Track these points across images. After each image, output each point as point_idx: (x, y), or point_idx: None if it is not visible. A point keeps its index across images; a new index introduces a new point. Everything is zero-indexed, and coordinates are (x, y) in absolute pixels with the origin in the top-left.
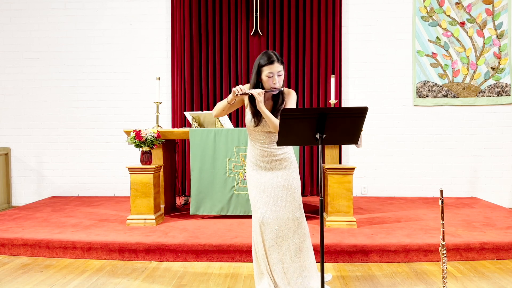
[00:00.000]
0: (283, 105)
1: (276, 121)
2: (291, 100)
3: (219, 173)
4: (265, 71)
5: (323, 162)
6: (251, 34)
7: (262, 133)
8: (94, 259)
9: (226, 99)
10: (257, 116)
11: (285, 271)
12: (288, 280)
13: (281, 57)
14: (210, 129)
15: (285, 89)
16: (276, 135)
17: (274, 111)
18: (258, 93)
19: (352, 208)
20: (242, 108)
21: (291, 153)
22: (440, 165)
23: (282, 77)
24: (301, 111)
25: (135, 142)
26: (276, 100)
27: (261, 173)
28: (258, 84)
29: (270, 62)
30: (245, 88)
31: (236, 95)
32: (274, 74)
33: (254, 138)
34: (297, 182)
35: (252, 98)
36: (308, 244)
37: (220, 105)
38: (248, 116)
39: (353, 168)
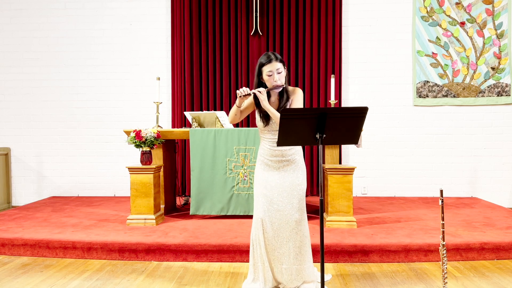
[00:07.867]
0: (288, 102)
1: None
2: (297, 98)
3: (219, 173)
4: (265, 70)
5: (323, 162)
6: (251, 34)
7: (271, 133)
8: (94, 259)
9: (235, 103)
10: (265, 116)
11: (283, 272)
12: (285, 282)
13: (281, 57)
14: (210, 129)
15: (290, 88)
16: None
17: (279, 109)
18: (260, 92)
19: (352, 208)
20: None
21: (299, 155)
22: (440, 165)
23: (283, 74)
24: (301, 111)
25: (135, 142)
26: (281, 98)
27: (268, 172)
28: (261, 84)
29: (268, 61)
30: (248, 89)
31: (240, 96)
32: (274, 72)
33: (265, 138)
34: (303, 185)
35: (257, 99)
36: (308, 248)
37: (232, 110)
38: (258, 116)
39: (353, 168)
